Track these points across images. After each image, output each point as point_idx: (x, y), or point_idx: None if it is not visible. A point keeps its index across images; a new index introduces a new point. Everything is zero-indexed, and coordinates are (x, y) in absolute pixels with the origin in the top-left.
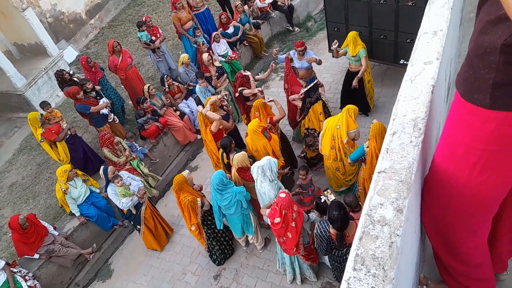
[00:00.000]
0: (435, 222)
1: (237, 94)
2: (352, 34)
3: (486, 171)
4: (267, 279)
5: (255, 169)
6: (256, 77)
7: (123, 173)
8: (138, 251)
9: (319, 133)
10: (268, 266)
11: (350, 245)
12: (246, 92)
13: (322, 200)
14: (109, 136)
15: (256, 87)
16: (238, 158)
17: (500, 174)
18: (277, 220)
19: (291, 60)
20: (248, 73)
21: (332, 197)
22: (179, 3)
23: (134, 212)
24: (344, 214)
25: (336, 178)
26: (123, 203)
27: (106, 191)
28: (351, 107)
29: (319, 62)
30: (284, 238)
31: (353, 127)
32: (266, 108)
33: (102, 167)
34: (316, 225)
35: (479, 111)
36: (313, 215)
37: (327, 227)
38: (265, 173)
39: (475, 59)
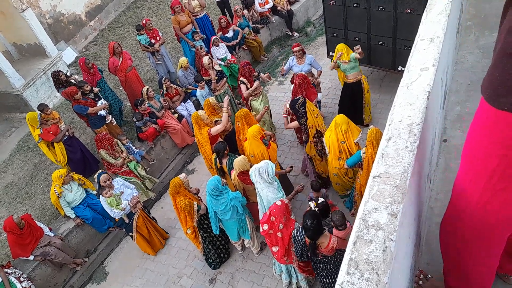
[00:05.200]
0: (450, 239)
1: (244, 93)
2: (342, 45)
3: (505, 178)
4: (262, 284)
5: (252, 172)
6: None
7: (118, 181)
8: (134, 253)
9: (320, 132)
10: (264, 271)
11: (327, 257)
12: (245, 92)
13: (319, 202)
14: (108, 137)
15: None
16: (239, 162)
17: None
18: (265, 226)
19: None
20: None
21: (316, 209)
22: (177, 7)
23: (126, 221)
24: (317, 225)
25: (343, 183)
26: (115, 212)
27: (98, 198)
28: (338, 121)
29: (318, 74)
30: (277, 248)
31: (357, 134)
32: (249, 119)
33: (97, 173)
34: (294, 230)
35: (504, 116)
36: (299, 227)
37: (303, 234)
38: (262, 176)
39: (504, 60)
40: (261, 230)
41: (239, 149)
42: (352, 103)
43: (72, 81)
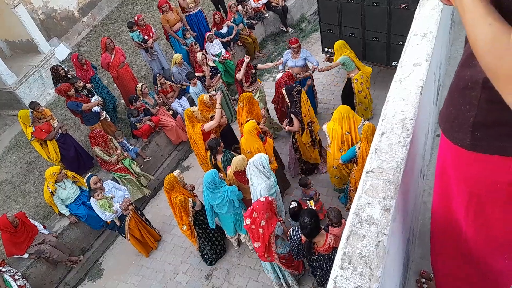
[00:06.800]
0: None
1: (237, 76)
2: (337, 43)
3: (480, 215)
4: (258, 279)
5: (248, 168)
6: (259, 66)
7: (108, 183)
8: (129, 251)
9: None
10: (260, 266)
11: (323, 255)
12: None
13: (291, 206)
14: (102, 134)
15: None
16: (237, 161)
17: (496, 221)
18: (248, 220)
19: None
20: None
21: (313, 207)
22: (165, 6)
23: (118, 223)
24: (315, 223)
25: (343, 175)
26: (106, 214)
27: (89, 200)
28: (343, 111)
29: (314, 68)
30: (258, 244)
31: (359, 120)
32: (252, 104)
33: (86, 176)
34: (291, 229)
35: (460, 152)
36: (281, 227)
37: (299, 233)
38: (258, 168)
39: (456, 94)
40: (244, 224)
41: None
42: (346, 98)
43: (70, 76)
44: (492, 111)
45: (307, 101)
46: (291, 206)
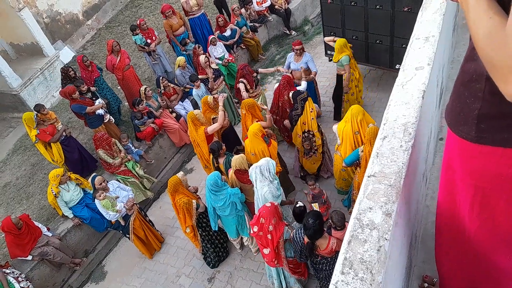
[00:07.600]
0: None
1: (238, 85)
2: (339, 42)
3: (485, 209)
4: (261, 282)
5: (253, 170)
6: (260, 70)
7: (113, 183)
8: (132, 253)
9: (313, 133)
10: (263, 269)
11: (326, 258)
12: (244, 94)
13: (297, 206)
14: (107, 137)
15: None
16: (236, 160)
17: (501, 214)
18: (255, 228)
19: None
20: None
21: (318, 210)
22: (168, 12)
23: (122, 223)
24: (319, 225)
25: (350, 178)
26: (110, 214)
27: (93, 201)
28: (354, 111)
29: (314, 74)
30: (268, 250)
31: (371, 121)
32: (253, 110)
33: (91, 176)
34: (293, 230)
35: (465, 145)
36: (289, 231)
37: (302, 234)
38: (263, 174)
39: (461, 87)
40: (251, 232)
41: (243, 137)
42: (338, 94)
43: (79, 78)
44: (495, 103)
45: (311, 111)
46: (297, 206)
